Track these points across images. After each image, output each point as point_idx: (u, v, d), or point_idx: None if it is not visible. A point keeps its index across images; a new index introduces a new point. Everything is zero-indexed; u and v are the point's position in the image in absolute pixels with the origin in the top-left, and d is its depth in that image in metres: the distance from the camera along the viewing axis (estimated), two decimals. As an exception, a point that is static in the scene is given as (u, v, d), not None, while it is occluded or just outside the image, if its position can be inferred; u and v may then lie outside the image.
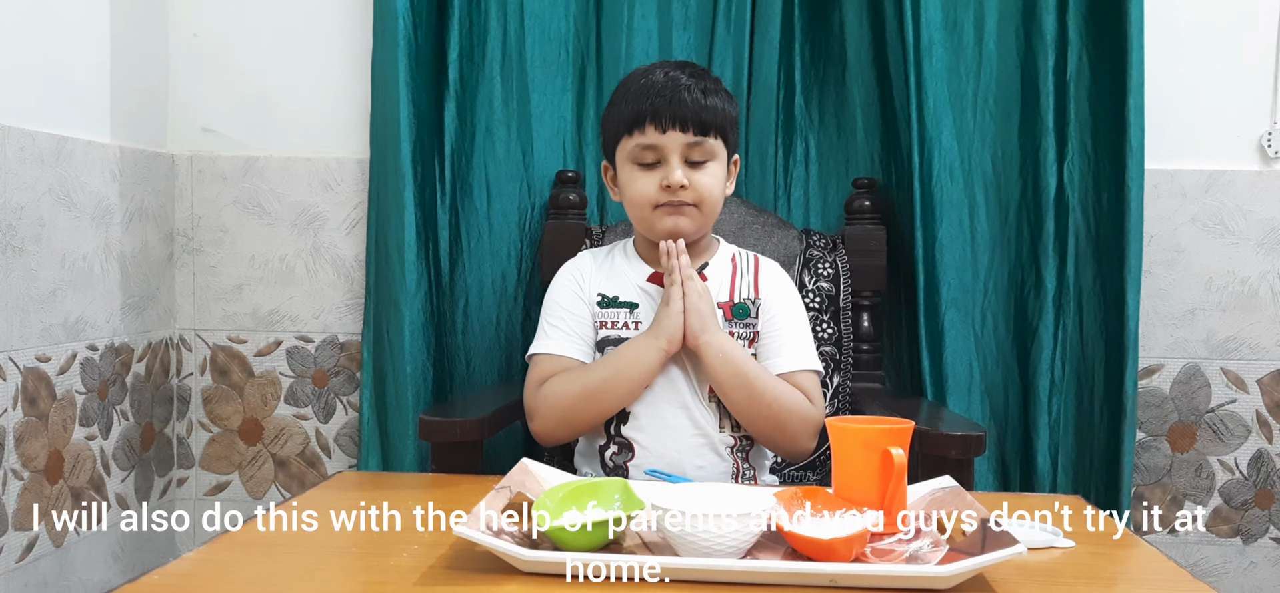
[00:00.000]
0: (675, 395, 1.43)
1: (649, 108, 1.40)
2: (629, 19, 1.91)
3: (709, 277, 1.48)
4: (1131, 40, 1.77)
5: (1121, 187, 1.79)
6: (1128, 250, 1.79)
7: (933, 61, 1.85)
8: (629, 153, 1.43)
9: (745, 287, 1.49)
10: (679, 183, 1.39)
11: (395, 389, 1.86)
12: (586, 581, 0.91)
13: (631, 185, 1.43)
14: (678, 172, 1.39)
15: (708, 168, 1.42)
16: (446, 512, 1.13)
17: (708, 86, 1.42)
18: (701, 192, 1.41)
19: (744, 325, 1.46)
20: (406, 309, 1.84)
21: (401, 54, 1.83)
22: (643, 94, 1.41)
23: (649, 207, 1.42)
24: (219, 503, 2.05)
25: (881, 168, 1.92)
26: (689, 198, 1.41)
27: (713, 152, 1.42)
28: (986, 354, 1.89)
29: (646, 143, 1.41)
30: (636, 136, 1.41)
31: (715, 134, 1.41)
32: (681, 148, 1.40)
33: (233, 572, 0.96)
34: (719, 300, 1.46)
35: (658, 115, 1.39)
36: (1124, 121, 1.78)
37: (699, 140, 1.40)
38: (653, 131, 1.40)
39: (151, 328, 1.94)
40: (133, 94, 1.89)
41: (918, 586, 0.91)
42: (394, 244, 1.85)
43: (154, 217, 1.95)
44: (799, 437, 1.42)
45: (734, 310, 1.46)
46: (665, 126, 1.39)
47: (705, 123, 1.40)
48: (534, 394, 1.44)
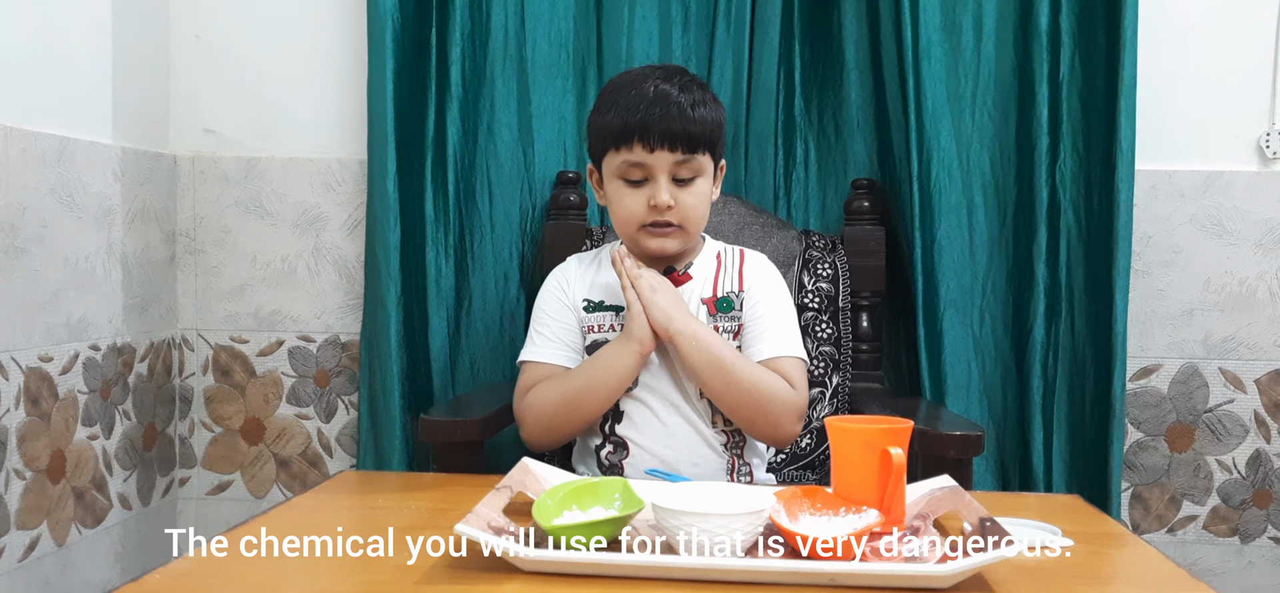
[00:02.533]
0: (667, 393, 1.44)
1: (638, 125, 1.38)
2: (629, 21, 1.91)
3: (693, 274, 1.48)
4: (1125, 41, 1.77)
5: (1111, 187, 1.80)
6: (1116, 251, 1.79)
7: (931, 63, 1.86)
8: (616, 168, 1.43)
9: (729, 281, 1.49)
10: (666, 204, 1.39)
11: (383, 390, 1.87)
12: (586, 581, 0.91)
13: (619, 202, 1.44)
14: (665, 194, 1.39)
15: (695, 185, 1.42)
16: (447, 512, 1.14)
17: (696, 98, 1.40)
18: (686, 212, 1.42)
19: (729, 319, 1.46)
20: (392, 310, 1.84)
21: (388, 56, 1.83)
22: (632, 108, 1.39)
23: (635, 225, 1.43)
24: (221, 503, 2.05)
25: (880, 169, 1.93)
26: (675, 218, 1.41)
27: (700, 168, 1.42)
28: (985, 354, 1.90)
29: (634, 160, 1.40)
30: (624, 153, 1.40)
31: (703, 149, 1.41)
32: (669, 166, 1.40)
33: (233, 572, 0.96)
34: (702, 296, 1.47)
35: (646, 134, 1.38)
36: (1114, 122, 1.79)
37: (687, 158, 1.40)
38: (640, 150, 1.39)
39: (154, 328, 1.95)
40: (134, 95, 1.90)
41: (917, 585, 0.92)
42: (381, 245, 1.85)
43: (156, 217, 1.95)
44: (781, 421, 1.41)
45: (718, 305, 1.47)
46: (653, 146, 1.39)
47: (694, 138, 1.39)
48: (520, 402, 1.46)
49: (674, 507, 0.95)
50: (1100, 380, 1.84)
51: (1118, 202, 1.79)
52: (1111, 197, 1.79)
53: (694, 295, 1.47)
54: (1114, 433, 1.80)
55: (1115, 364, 1.80)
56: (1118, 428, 1.80)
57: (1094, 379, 1.85)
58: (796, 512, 1.03)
